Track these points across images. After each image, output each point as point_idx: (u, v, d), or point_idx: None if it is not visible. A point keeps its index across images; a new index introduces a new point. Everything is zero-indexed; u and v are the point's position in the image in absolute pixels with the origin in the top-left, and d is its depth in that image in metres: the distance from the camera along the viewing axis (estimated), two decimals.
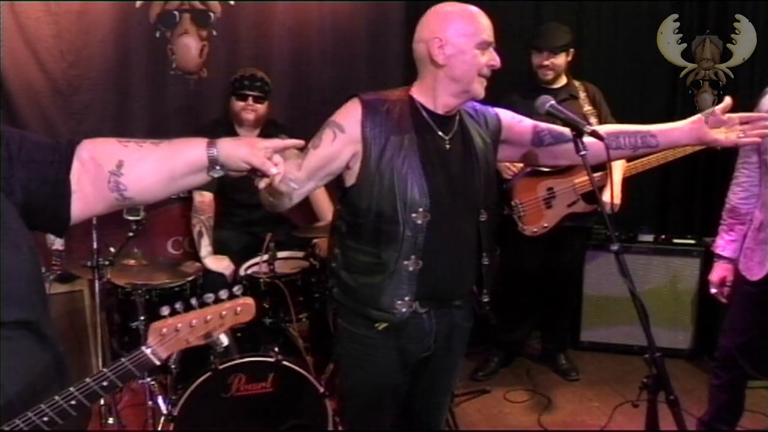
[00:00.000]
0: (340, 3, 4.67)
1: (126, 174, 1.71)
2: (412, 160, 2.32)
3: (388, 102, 2.38)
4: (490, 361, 4.58)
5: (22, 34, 4.28)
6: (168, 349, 1.62)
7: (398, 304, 2.36)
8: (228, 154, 1.72)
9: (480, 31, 2.32)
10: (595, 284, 4.73)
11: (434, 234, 2.35)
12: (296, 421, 3.23)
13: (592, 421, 4.01)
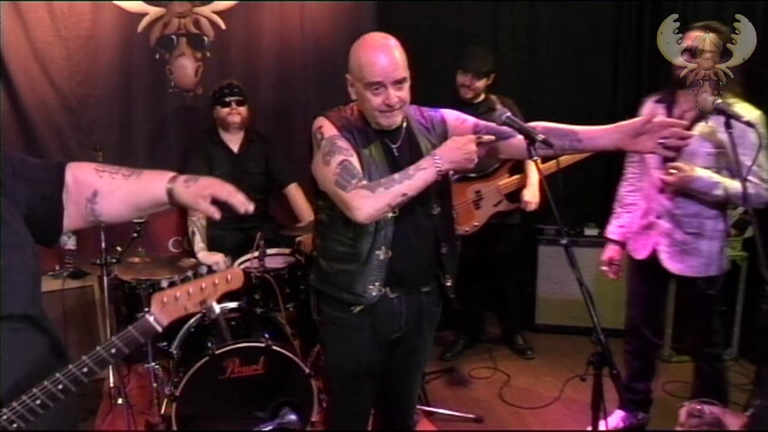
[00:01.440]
0: (320, 27, 4.66)
1: (99, 203, 1.76)
2: (377, 165, 2.33)
3: (346, 118, 2.38)
4: (456, 344, 4.59)
5: (36, 57, 4.25)
6: (168, 315, 1.63)
7: (369, 288, 2.37)
8: (181, 192, 1.74)
9: (371, 75, 2.25)
10: (548, 274, 4.75)
11: (400, 228, 2.36)
12: (285, 399, 3.21)
13: (546, 394, 4.03)
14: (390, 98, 2.25)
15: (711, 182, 2.94)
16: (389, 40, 2.32)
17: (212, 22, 4.51)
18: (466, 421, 3.75)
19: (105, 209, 1.77)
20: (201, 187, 1.73)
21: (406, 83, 2.29)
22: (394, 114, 2.30)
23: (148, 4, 4.40)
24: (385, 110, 2.28)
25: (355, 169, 2.26)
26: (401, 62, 2.28)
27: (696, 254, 3.08)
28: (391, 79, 2.25)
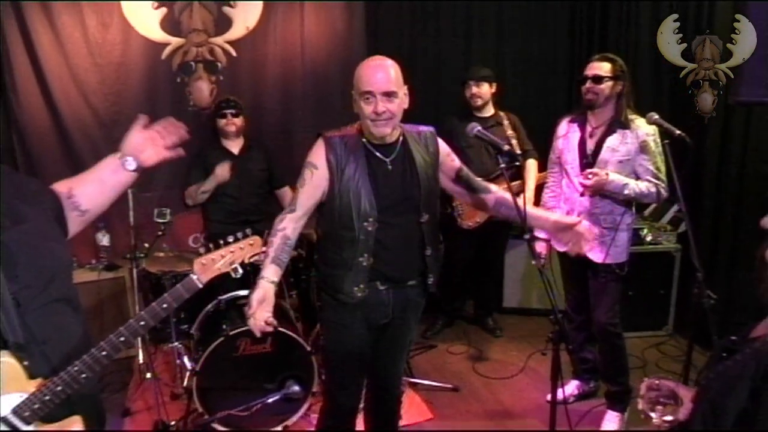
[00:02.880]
0: (318, 55, 4.65)
1: (77, 196, 1.80)
2: (364, 181, 2.31)
3: (345, 137, 2.37)
4: (436, 324, 4.59)
5: (75, 81, 4.23)
6: (207, 275, 1.77)
7: (355, 290, 2.37)
8: (127, 143, 1.84)
9: (364, 85, 2.26)
10: (514, 264, 4.76)
11: (383, 236, 2.34)
12: (290, 373, 3.21)
13: (512, 366, 4.04)
14: (378, 106, 2.24)
15: (621, 184, 3.04)
16: (386, 60, 2.32)
17: (225, 51, 4.50)
18: (445, 390, 3.76)
19: (83, 199, 1.80)
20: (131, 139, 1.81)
21: (395, 98, 2.27)
22: (383, 124, 2.27)
23: (170, 35, 4.38)
24: (374, 119, 2.26)
25: (295, 199, 2.38)
26: (393, 78, 2.27)
27: (611, 244, 3.14)
28: (381, 91, 2.24)
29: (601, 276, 3.21)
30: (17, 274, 1.53)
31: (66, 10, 4.13)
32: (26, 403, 1.49)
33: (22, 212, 1.61)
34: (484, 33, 5.06)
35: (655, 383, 1.76)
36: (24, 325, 1.51)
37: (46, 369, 1.54)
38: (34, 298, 1.55)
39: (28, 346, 1.51)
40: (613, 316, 3.25)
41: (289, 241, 2.36)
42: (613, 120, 3.11)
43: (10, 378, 1.48)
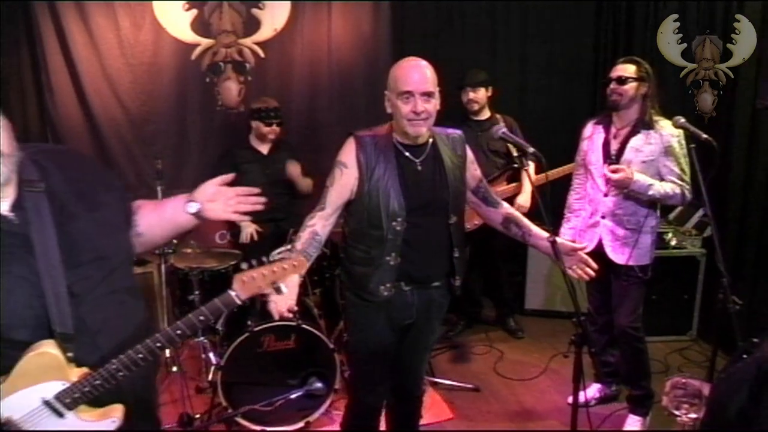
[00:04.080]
0: (344, 56, 4.67)
1: (139, 215, 1.81)
2: (393, 181, 2.31)
3: (375, 137, 2.37)
4: (458, 324, 4.57)
5: (108, 81, 4.30)
6: (246, 292, 1.66)
7: (381, 288, 2.37)
8: (200, 190, 1.79)
9: (403, 84, 2.26)
10: (536, 265, 4.72)
11: (411, 235, 2.34)
12: (312, 369, 3.22)
13: (533, 368, 4.01)
14: (417, 106, 2.24)
15: (646, 184, 3.01)
16: (422, 61, 2.33)
17: (253, 52, 4.53)
18: (466, 390, 3.74)
19: (142, 221, 1.80)
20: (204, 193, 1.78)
21: (432, 98, 2.28)
22: (420, 123, 2.28)
23: (200, 36, 4.43)
24: (412, 118, 2.26)
25: (325, 197, 2.39)
26: (430, 79, 2.28)
27: (635, 246, 3.11)
28: (420, 91, 2.25)
29: (624, 278, 3.18)
30: (78, 265, 1.56)
31: (100, 11, 4.20)
32: (67, 392, 1.53)
33: (98, 198, 1.66)
34: (509, 35, 5.04)
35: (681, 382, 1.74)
36: (76, 315, 1.54)
37: (95, 358, 1.57)
38: (92, 289, 1.58)
39: (78, 336, 1.54)
40: (635, 319, 3.21)
41: (318, 237, 2.37)
42: (638, 121, 3.09)
43: (52, 367, 1.51)
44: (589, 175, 3.28)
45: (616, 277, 3.21)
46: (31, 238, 1.51)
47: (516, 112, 4.51)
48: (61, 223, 1.56)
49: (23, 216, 1.52)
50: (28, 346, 1.51)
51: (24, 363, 1.50)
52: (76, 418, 1.55)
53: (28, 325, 1.51)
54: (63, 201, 1.59)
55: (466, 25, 4.94)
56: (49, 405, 1.52)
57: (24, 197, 1.53)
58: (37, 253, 1.51)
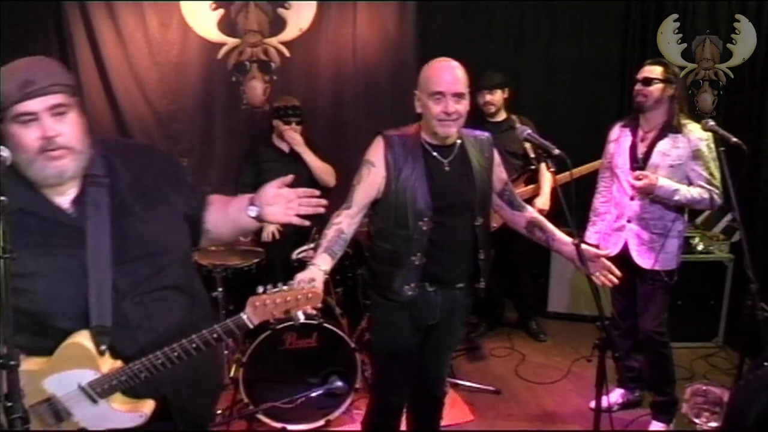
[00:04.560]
0: (369, 56, 4.67)
1: (208, 211, 1.86)
2: (421, 181, 2.31)
3: (404, 137, 2.37)
4: (479, 326, 4.55)
5: (135, 79, 4.36)
6: (258, 317, 1.64)
7: (405, 288, 2.37)
8: (262, 192, 1.78)
9: (435, 85, 2.26)
10: (559, 268, 4.68)
11: (437, 236, 2.34)
12: (333, 368, 3.23)
13: (555, 372, 3.97)
14: (448, 107, 2.24)
15: (672, 189, 2.97)
16: (453, 62, 2.33)
17: (279, 51, 4.56)
18: (487, 392, 3.72)
19: (209, 217, 1.85)
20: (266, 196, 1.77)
21: (463, 99, 2.28)
22: (450, 124, 2.28)
23: (227, 35, 4.47)
24: (443, 118, 2.26)
25: (351, 195, 2.39)
26: (462, 80, 2.29)
27: (661, 251, 3.07)
28: (451, 91, 2.25)
29: (649, 283, 3.14)
30: (126, 261, 1.60)
31: (129, 11, 4.26)
32: (99, 381, 1.58)
33: (159, 197, 1.70)
34: (536, 35, 5.00)
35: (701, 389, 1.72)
36: (118, 310, 1.58)
37: (134, 351, 1.61)
38: (137, 285, 1.62)
39: (118, 330, 1.58)
40: (659, 324, 3.17)
41: (344, 235, 2.36)
42: (665, 124, 3.05)
43: (84, 357, 1.57)
44: (615, 179, 3.25)
45: (642, 282, 3.17)
46: (86, 232, 1.57)
47: (542, 113, 4.49)
48: (117, 219, 1.60)
49: (82, 210, 1.58)
50: (67, 335, 1.57)
51: (61, 349, 1.57)
52: (107, 406, 1.62)
53: (71, 317, 1.56)
54: (123, 197, 1.64)
55: (492, 25, 4.92)
56: (83, 390, 1.59)
57: (86, 192, 1.60)
58: (89, 247, 1.56)
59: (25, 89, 1.48)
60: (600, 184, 3.42)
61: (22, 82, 1.48)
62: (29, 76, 1.50)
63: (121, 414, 1.63)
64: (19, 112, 1.49)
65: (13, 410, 1.27)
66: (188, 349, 1.61)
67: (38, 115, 1.50)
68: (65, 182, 1.57)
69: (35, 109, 1.49)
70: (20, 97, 1.48)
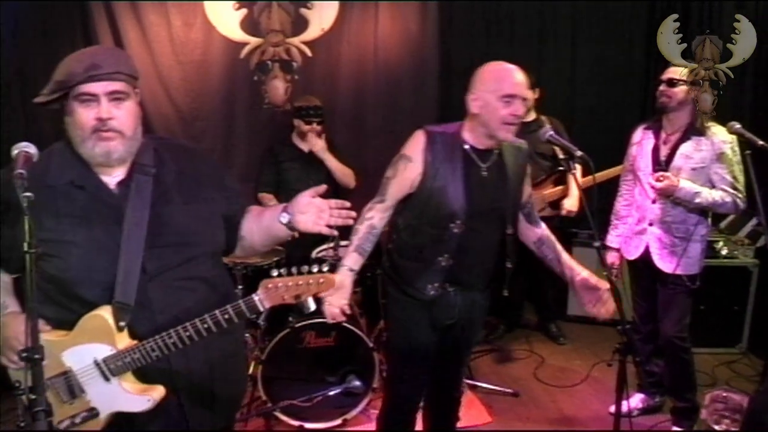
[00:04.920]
0: (390, 56, 4.67)
1: (244, 218, 1.91)
2: (457, 184, 2.28)
3: (445, 135, 2.34)
4: (498, 328, 4.53)
5: (159, 78, 4.40)
6: (270, 300, 1.65)
7: (428, 287, 2.36)
8: (295, 201, 1.79)
9: (509, 87, 2.22)
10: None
11: (466, 240, 2.32)
12: (351, 368, 3.23)
13: (574, 375, 3.94)
14: (519, 109, 2.23)
15: (693, 192, 2.94)
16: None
17: (300, 51, 4.58)
18: (505, 395, 3.70)
19: (244, 225, 1.90)
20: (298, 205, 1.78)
21: (525, 104, 2.28)
22: (514, 128, 2.26)
23: (249, 35, 4.50)
24: (510, 121, 2.23)
25: (385, 189, 2.37)
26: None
27: (683, 255, 3.03)
28: (521, 95, 2.24)
29: (671, 287, 3.10)
30: (157, 246, 1.66)
31: (153, 11, 4.31)
32: (113, 358, 1.62)
33: (200, 194, 1.77)
34: (558, 35, 4.96)
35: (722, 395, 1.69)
36: (142, 291, 1.64)
37: (151, 333, 1.64)
38: (166, 270, 1.68)
39: (139, 309, 1.63)
40: (681, 329, 3.13)
41: (375, 231, 2.38)
42: (689, 127, 3.02)
43: (102, 331, 1.62)
44: (637, 181, 3.22)
45: (663, 286, 3.14)
46: (125, 212, 1.64)
47: (564, 114, 4.45)
48: (157, 206, 1.68)
49: (125, 193, 1.68)
50: (91, 307, 1.63)
51: (82, 321, 1.63)
52: (118, 385, 1.66)
53: (96, 287, 1.62)
54: (167, 188, 1.72)
55: (514, 25, 4.88)
56: (98, 366, 1.64)
57: (133, 178, 1.69)
58: (126, 227, 1.63)
59: (90, 72, 1.59)
60: (622, 187, 3.39)
61: (89, 65, 1.60)
62: (97, 60, 1.62)
63: (131, 396, 1.66)
64: (82, 92, 1.60)
65: (37, 403, 1.29)
66: (199, 329, 1.63)
67: (98, 98, 1.61)
68: (112, 164, 1.66)
69: (96, 91, 1.60)
70: (84, 79, 1.59)
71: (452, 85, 4.58)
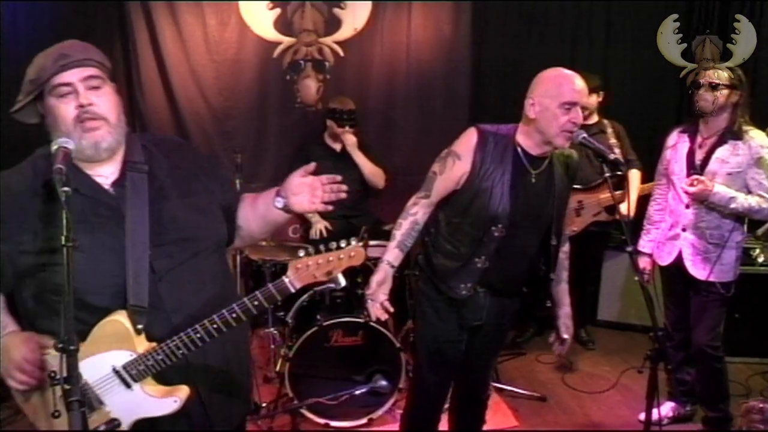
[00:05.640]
0: (423, 57, 4.66)
1: (238, 208, 1.87)
2: (504, 187, 2.26)
3: (498, 136, 2.31)
4: (527, 331, 4.49)
5: (193, 76, 4.46)
6: (301, 280, 1.63)
7: (461, 287, 2.35)
8: (286, 183, 1.78)
9: (564, 94, 2.18)
10: (611, 276, 4.58)
11: (506, 245, 2.30)
12: (378, 367, 3.24)
13: (603, 381, 3.89)
14: (578, 117, 2.20)
15: (728, 197, 2.88)
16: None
17: (333, 50, 4.60)
18: (532, 399, 3.67)
19: (240, 213, 1.86)
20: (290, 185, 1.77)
21: (584, 112, 2.27)
22: (571, 135, 2.21)
23: (283, 35, 4.54)
24: (568, 128, 2.20)
25: (431, 184, 2.36)
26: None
27: (717, 262, 2.97)
28: (582, 102, 2.22)
29: (704, 294, 3.04)
30: (163, 243, 1.63)
31: (189, 10, 4.38)
32: (134, 363, 1.58)
33: (195, 187, 1.75)
34: (592, 37, 4.89)
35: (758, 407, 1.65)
36: (154, 291, 1.60)
37: (167, 335, 1.60)
38: (173, 268, 1.64)
39: (153, 311, 1.59)
40: (713, 338, 3.07)
41: (417, 226, 2.38)
42: (725, 131, 2.95)
43: (121, 336, 1.57)
44: (671, 186, 3.16)
45: (696, 293, 3.08)
46: (125, 212, 1.61)
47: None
48: (155, 203, 1.64)
49: (121, 192, 1.63)
50: (105, 312, 1.57)
51: (97, 329, 1.56)
52: (141, 390, 1.60)
53: (106, 293, 1.57)
54: (162, 183, 1.69)
55: (547, 26, 4.83)
56: (117, 374, 1.58)
57: (127, 177, 1.64)
58: (128, 227, 1.60)
59: (60, 61, 1.55)
60: (655, 191, 3.34)
61: (58, 56, 1.56)
62: (64, 51, 1.58)
63: (155, 400, 1.61)
64: (56, 84, 1.56)
65: (72, 393, 1.30)
66: (228, 319, 1.59)
67: (74, 86, 1.56)
68: (102, 155, 1.61)
69: (70, 79, 1.56)
70: (56, 70, 1.55)
71: (484, 86, 4.55)
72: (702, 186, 2.87)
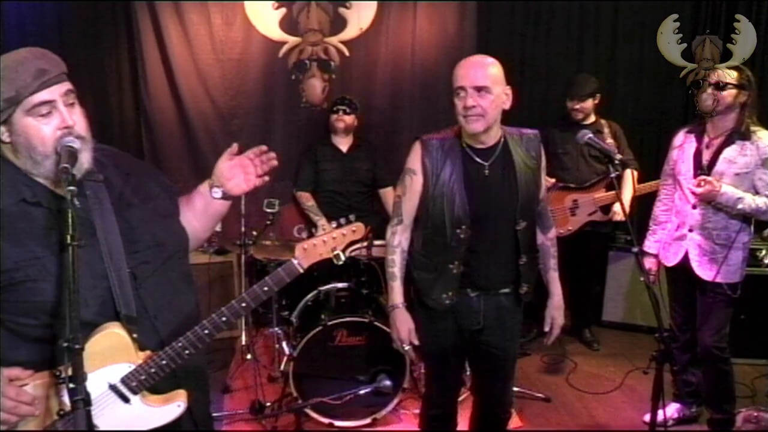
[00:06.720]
0: (428, 56, 4.67)
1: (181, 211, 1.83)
2: (459, 186, 2.25)
3: (443, 140, 2.31)
4: (531, 332, 4.48)
5: (199, 76, 4.47)
6: (308, 260, 1.71)
7: (443, 296, 2.34)
8: (215, 172, 1.78)
9: (456, 81, 2.21)
10: (617, 277, 4.57)
11: (476, 243, 2.29)
12: (382, 367, 3.23)
13: (608, 382, 3.88)
14: (467, 101, 2.17)
15: (735, 198, 2.87)
16: (485, 58, 2.27)
17: (338, 50, 4.61)
18: (536, 400, 3.67)
19: (183, 220, 1.82)
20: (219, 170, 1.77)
21: (488, 93, 2.18)
22: (473, 120, 2.18)
23: (288, 34, 4.54)
24: (464, 114, 2.19)
25: (400, 209, 2.40)
26: (488, 74, 2.19)
27: (724, 262, 2.96)
28: (472, 85, 2.17)
29: (710, 295, 3.03)
30: (137, 250, 1.60)
31: (195, 10, 4.39)
32: (133, 374, 1.53)
33: (150, 192, 1.72)
34: (598, 36, 4.88)
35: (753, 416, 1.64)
36: (138, 298, 1.58)
37: (155, 342, 1.59)
38: (150, 274, 1.62)
39: (140, 318, 1.57)
40: (719, 339, 3.06)
41: (405, 254, 2.42)
42: (733, 131, 2.94)
43: (119, 349, 1.53)
44: (677, 186, 3.14)
45: (702, 294, 3.07)
46: (94, 222, 1.55)
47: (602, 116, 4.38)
48: (120, 211, 1.61)
49: (84, 203, 1.55)
50: (92, 327, 1.51)
51: (92, 344, 1.48)
52: (141, 402, 1.55)
53: (90, 305, 1.51)
54: (121, 191, 1.65)
55: (553, 25, 4.83)
56: (114, 389, 1.52)
57: (85, 186, 1.57)
58: (100, 236, 1.55)
59: (42, 78, 1.45)
60: (661, 191, 3.32)
61: (36, 71, 1.45)
62: (41, 65, 1.46)
63: (158, 408, 1.57)
64: (36, 102, 1.46)
65: (77, 392, 1.29)
66: (238, 309, 1.61)
67: (55, 104, 1.48)
68: (79, 177, 1.50)
69: (53, 97, 1.47)
70: (37, 87, 1.44)
71: None
72: (709, 187, 2.86)
